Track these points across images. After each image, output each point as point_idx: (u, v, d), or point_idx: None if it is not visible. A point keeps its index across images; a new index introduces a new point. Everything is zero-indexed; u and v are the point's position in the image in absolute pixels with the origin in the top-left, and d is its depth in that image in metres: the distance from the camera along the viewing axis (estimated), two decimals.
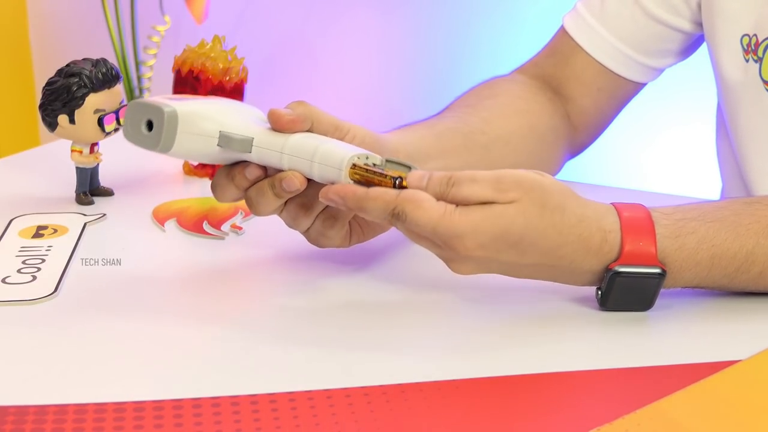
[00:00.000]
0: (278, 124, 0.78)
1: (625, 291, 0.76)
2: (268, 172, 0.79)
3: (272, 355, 0.73)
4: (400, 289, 0.83)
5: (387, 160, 0.76)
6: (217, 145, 0.78)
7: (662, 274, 0.75)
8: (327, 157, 0.76)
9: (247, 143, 0.78)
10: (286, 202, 0.80)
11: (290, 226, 0.82)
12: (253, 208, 0.80)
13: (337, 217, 0.81)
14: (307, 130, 0.79)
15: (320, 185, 0.77)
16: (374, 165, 0.75)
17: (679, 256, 0.76)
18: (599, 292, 0.77)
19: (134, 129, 0.79)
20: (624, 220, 0.76)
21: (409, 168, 0.75)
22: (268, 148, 0.78)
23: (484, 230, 0.72)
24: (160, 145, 0.78)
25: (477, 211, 0.72)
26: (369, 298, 0.82)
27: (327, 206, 0.80)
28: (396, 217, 0.73)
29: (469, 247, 0.73)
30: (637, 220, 0.76)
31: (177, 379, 0.70)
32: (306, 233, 0.82)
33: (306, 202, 0.80)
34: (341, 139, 0.80)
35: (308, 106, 0.79)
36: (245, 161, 0.79)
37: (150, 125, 0.78)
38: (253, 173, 0.79)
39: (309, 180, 0.78)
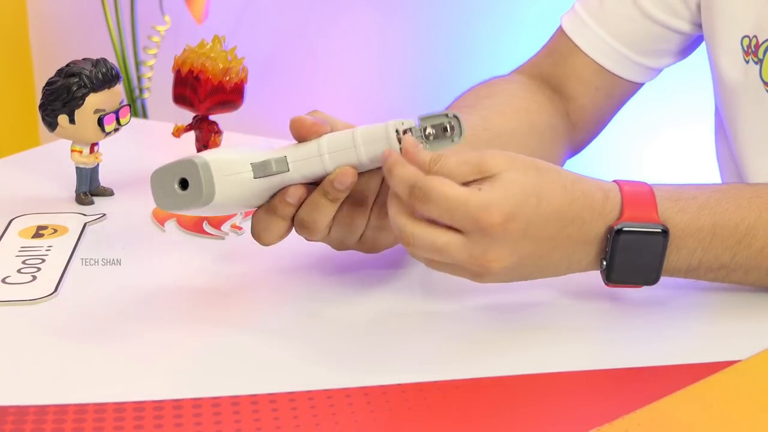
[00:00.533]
0: (303, 129, 0.77)
1: (629, 254, 0.76)
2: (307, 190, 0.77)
3: (272, 355, 0.73)
4: (400, 289, 0.83)
5: (421, 118, 0.75)
6: (254, 177, 0.76)
7: (665, 232, 0.76)
8: (369, 135, 0.75)
9: (283, 162, 0.76)
10: (334, 217, 0.78)
11: (342, 242, 0.80)
12: (308, 229, 0.77)
13: None
14: None
15: (365, 178, 0.77)
16: (409, 130, 0.75)
17: (681, 219, 0.77)
18: (604, 263, 0.77)
19: (168, 194, 0.75)
20: (623, 188, 0.77)
21: (446, 116, 0.75)
22: (305, 157, 0.76)
23: (509, 197, 0.72)
24: (203, 196, 0.74)
25: (498, 183, 0.72)
26: (369, 298, 0.82)
27: (379, 194, 0.78)
28: (415, 192, 0.71)
29: (498, 220, 0.71)
30: (635, 188, 0.78)
31: (177, 379, 0.70)
32: (361, 241, 0.80)
33: (357, 199, 0.78)
34: None
35: (322, 113, 0.79)
36: (278, 192, 0.77)
37: (183, 184, 0.75)
38: (295, 195, 0.76)
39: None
